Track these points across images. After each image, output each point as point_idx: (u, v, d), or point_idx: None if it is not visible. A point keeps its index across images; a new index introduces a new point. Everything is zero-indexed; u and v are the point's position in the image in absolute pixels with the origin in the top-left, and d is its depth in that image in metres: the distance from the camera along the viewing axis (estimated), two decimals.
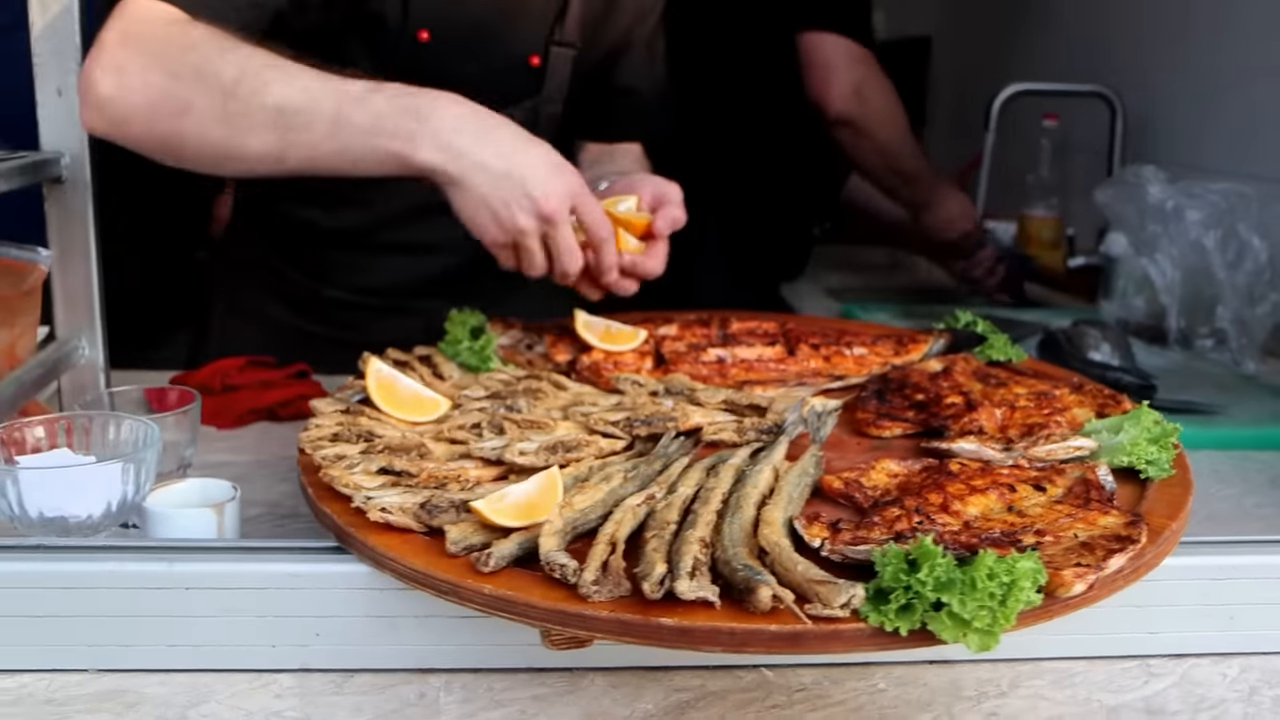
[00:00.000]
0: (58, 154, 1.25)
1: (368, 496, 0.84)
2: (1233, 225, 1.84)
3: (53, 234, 1.28)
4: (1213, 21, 2.31)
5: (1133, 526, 0.79)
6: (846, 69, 2.09)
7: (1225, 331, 1.87)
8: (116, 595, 0.82)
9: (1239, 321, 1.86)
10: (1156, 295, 1.96)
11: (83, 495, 0.92)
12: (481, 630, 0.83)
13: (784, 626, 0.69)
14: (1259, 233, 1.82)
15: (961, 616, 0.67)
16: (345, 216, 1.47)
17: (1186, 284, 1.88)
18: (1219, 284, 1.85)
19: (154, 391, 1.24)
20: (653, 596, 0.70)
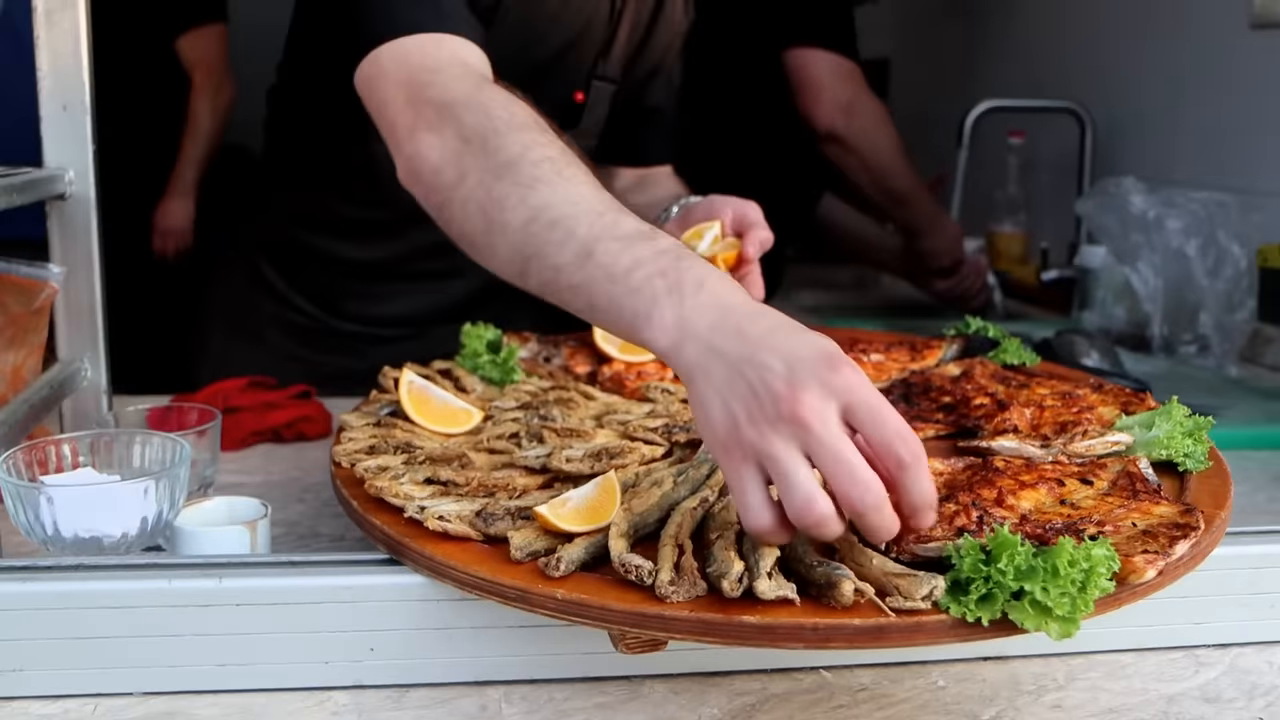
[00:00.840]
0: (61, 170, 1.22)
1: (421, 506, 0.83)
2: (1213, 233, 1.89)
3: (55, 252, 1.25)
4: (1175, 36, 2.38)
5: (1189, 515, 0.80)
6: (835, 85, 2.10)
7: (1208, 337, 1.91)
8: (164, 614, 0.79)
9: (1220, 327, 1.91)
10: (1138, 304, 2.00)
11: (117, 514, 0.89)
12: (540, 640, 0.82)
13: (867, 621, 0.69)
14: (1238, 240, 1.88)
15: (1045, 604, 0.68)
16: (379, 248, 1.47)
17: (1169, 292, 1.93)
18: (1201, 291, 1.90)
19: (156, 413, 1.21)
20: (732, 595, 0.69)
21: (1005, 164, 2.91)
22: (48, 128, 1.22)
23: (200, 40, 3.05)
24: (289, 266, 1.53)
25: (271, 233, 1.54)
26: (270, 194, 1.54)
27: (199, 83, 3.06)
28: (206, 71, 3.06)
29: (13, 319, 1.12)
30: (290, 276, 1.53)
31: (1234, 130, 2.20)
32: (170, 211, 3.07)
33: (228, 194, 3.25)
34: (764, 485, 0.70)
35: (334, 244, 1.48)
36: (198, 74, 3.06)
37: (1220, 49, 2.23)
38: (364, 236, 1.48)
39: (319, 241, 1.49)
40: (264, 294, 1.55)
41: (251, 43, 3.99)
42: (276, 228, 1.53)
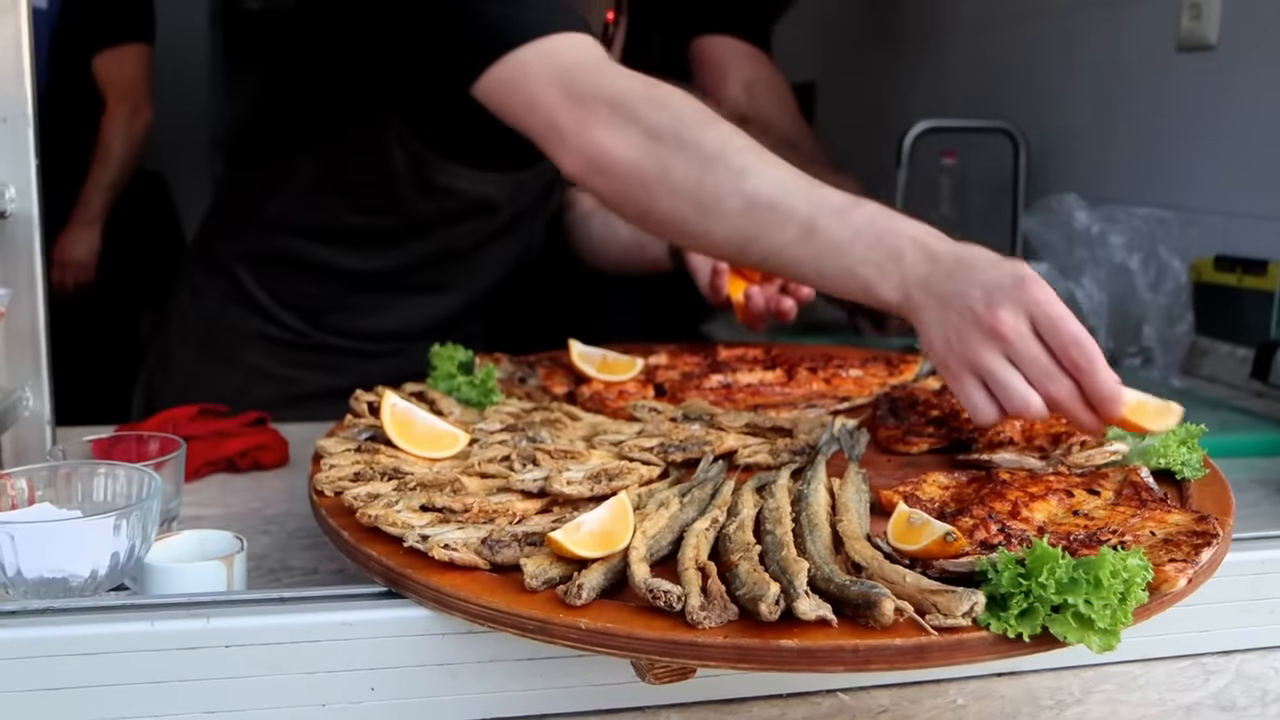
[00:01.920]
0: (2, 186, 1.14)
1: (423, 534, 0.78)
2: (1154, 248, 1.94)
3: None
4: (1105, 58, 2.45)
5: (1205, 522, 0.80)
6: (738, 67, 2.07)
7: (1151, 350, 1.95)
8: (146, 659, 0.73)
9: (1163, 340, 1.95)
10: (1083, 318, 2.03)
11: (86, 552, 0.83)
12: (552, 673, 0.78)
13: (909, 640, 0.66)
14: (1178, 255, 1.92)
15: (1088, 617, 0.66)
16: (381, 258, 1.42)
17: (1113, 306, 1.97)
18: (1144, 305, 1.94)
19: (102, 444, 1.14)
20: (770, 618, 0.67)
21: (938, 184, 2.95)
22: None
23: (119, 60, 2.86)
24: (273, 277, 1.46)
25: (254, 243, 1.47)
26: (253, 202, 1.47)
27: (113, 106, 2.83)
28: (122, 94, 2.85)
29: None
30: (274, 288, 1.47)
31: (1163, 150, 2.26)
32: (72, 242, 2.81)
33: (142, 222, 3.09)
34: (983, 388, 0.90)
35: (332, 253, 1.43)
36: (112, 96, 2.83)
37: (1149, 71, 2.29)
38: (367, 245, 1.43)
39: (314, 251, 1.43)
40: (243, 307, 1.48)
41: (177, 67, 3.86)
42: (260, 237, 1.46)
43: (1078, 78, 2.55)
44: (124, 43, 2.85)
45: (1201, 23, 2.06)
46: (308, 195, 1.41)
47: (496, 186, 1.40)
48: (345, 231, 1.40)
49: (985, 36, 3.00)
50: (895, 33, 3.55)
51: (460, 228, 1.41)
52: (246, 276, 1.46)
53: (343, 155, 1.39)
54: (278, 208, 1.43)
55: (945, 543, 0.72)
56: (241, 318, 1.46)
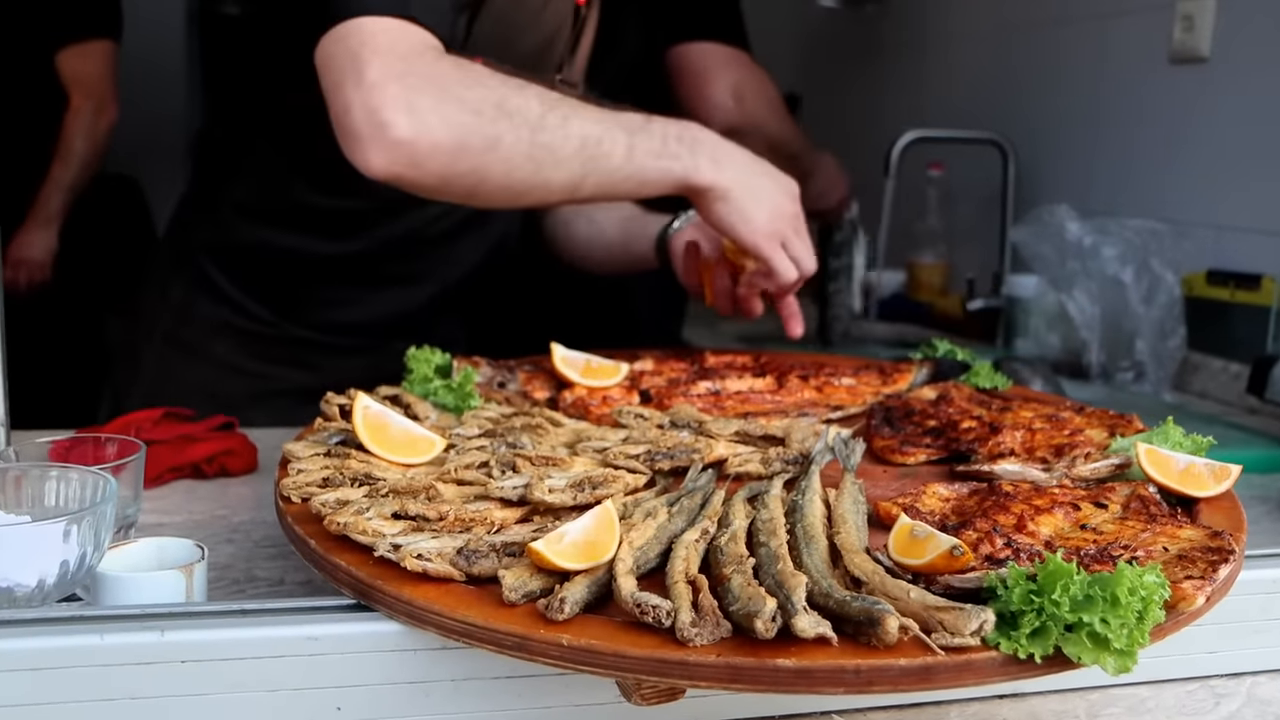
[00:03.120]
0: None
1: (395, 544, 0.73)
2: (1146, 260, 1.91)
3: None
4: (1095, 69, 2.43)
5: (1219, 538, 0.76)
6: (723, 73, 1.98)
7: (1144, 364, 1.93)
8: (96, 675, 0.68)
9: (1155, 354, 1.92)
10: (1074, 331, 2.01)
11: (33, 559, 0.77)
12: (530, 692, 0.73)
13: (913, 660, 0.62)
14: (1171, 268, 1.90)
15: (1104, 637, 0.62)
16: (349, 242, 1.37)
17: (1106, 319, 1.94)
18: (1136, 318, 1.91)
19: (60, 447, 1.09)
20: (766, 635, 0.62)
21: (925, 196, 2.93)
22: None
23: (82, 56, 2.76)
24: (240, 267, 1.40)
25: (220, 231, 1.41)
26: (217, 189, 1.41)
27: (76, 103, 2.70)
28: (86, 91, 2.75)
29: None
30: (242, 278, 1.41)
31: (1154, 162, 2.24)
32: (28, 242, 2.69)
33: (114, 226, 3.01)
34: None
35: (299, 239, 1.37)
36: (76, 93, 2.71)
37: (1140, 83, 2.27)
38: (335, 229, 1.38)
39: (281, 238, 1.37)
40: (211, 299, 1.41)
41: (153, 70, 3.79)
42: (226, 226, 1.40)
43: (1067, 89, 2.53)
44: (88, 39, 2.76)
45: (1194, 34, 2.04)
46: (269, 178, 1.35)
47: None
48: (311, 214, 1.34)
49: (974, 47, 2.99)
50: (881, 43, 3.54)
51: (430, 209, 1.35)
52: (212, 267, 1.41)
53: (300, 133, 1.34)
54: (239, 194, 1.38)
55: (952, 557, 0.68)
56: (209, 310, 1.41)
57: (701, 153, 1.13)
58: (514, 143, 1.05)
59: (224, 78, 1.44)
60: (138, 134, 3.19)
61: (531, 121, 1.06)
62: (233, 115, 1.42)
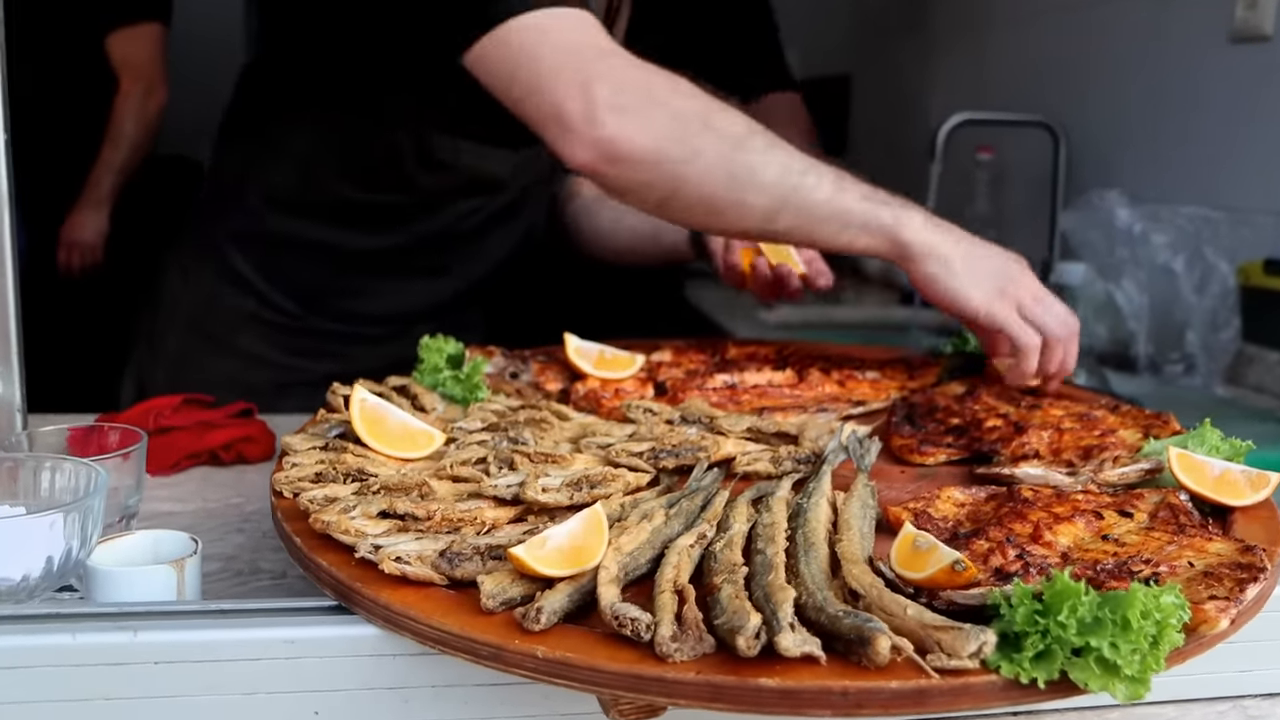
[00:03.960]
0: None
1: (375, 545, 0.71)
2: (1199, 249, 1.83)
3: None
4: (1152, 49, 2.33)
5: (1251, 553, 0.71)
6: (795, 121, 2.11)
7: (1194, 356, 1.85)
8: (67, 675, 0.67)
9: (1207, 346, 1.84)
10: (1121, 322, 1.93)
11: (18, 553, 0.76)
12: (513, 700, 0.70)
13: (905, 683, 0.58)
14: (1226, 257, 1.81)
15: (1113, 662, 0.58)
16: (384, 237, 1.36)
17: (1155, 309, 1.86)
18: (1187, 309, 1.83)
19: (79, 434, 1.08)
20: (748, 653, 0.59)
21: (974, 180, 2.85)
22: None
23: (132, 39, 2.79)
24: (268, 257, 1.39)
25: (249, 221, 1.40)
26: (246, 178, 1.41)
27: (126, 85, 2.74)
28: (135, 73, 2.78)
29: None
30: (269, 269, 1.40)
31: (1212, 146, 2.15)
32: (80, 224, 2.74)
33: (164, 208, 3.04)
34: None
35: (332, 232, 1.36)
36: (126, 76, 2.74)
37: (1198, 63, 2.18)
38: (371, 223, 1.36)
39: (313, 230, 1.36)
40: (237, 289, 1.41)
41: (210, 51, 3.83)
42: (255, 215, 1.39)
43: (1122, 70, 2.43)
44: (138, 22, 2.79)
45: (1257, 12, 1.94)
46: (304, 171, 1.34)
47: (500, 162, 1.34)
48: (347, 209, 1.33)
49: (1025, 26, 2.89)
50: (932, 23, 3.45)
51: (464, 204, 1.34)
52: (238, 257, 1.40)
53: (341, 129, 1.32)
54: (271, 185, 1.36)
55: (953, 572, 0.64)
56: (235, 301, 1.40)
57: (915, 211, 1.07)
58: (715, 158, 1.04)
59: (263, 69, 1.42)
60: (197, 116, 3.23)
61: (734, 139, 1.05)
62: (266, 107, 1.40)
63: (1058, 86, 2.68)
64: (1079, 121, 2.51)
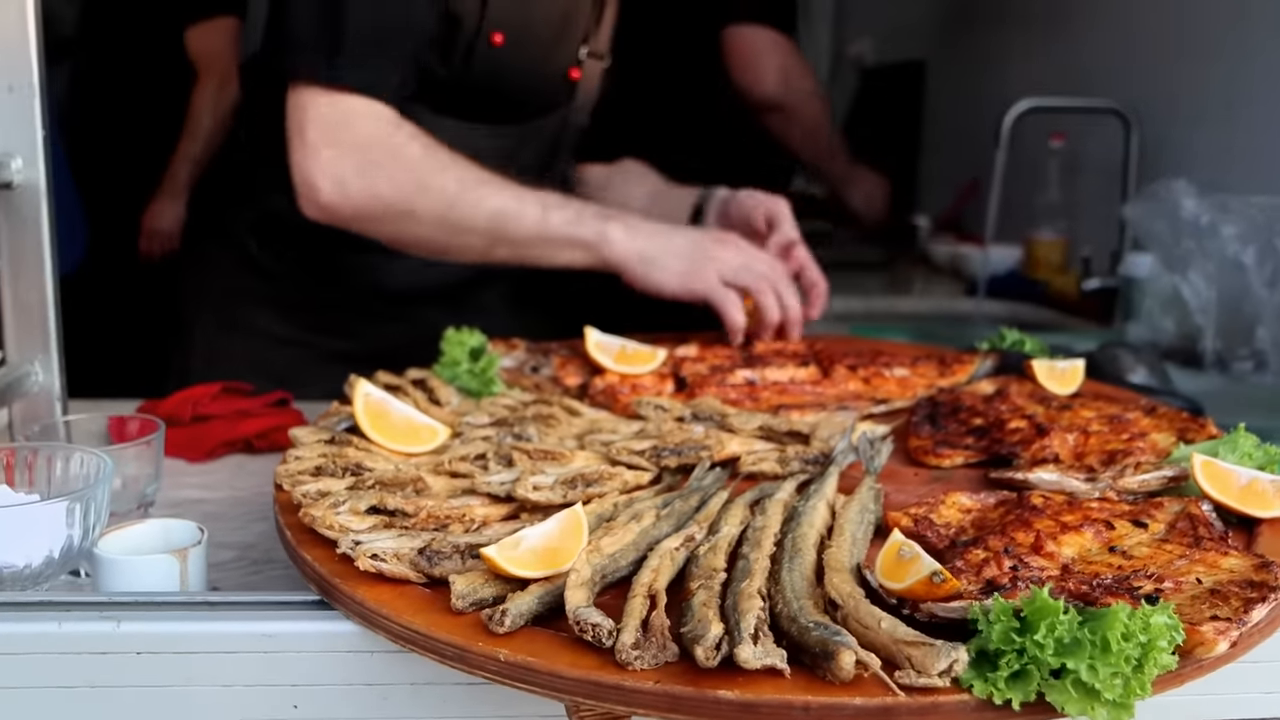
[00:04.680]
0: (7, 157, 1.12)
1: (355, 541, 0.71)
2: (1270, 241, 1.74)
3: (2, 246, 1.14)
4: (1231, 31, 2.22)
5: (1266, 570, 0.67)
6: (772, 56, 2.09)
7: (1265, 353, 1.76)
8: (55, 662, 0.68)
9: (1278, 343, 1.75)
10: (1188, 316, 1.85)
11: (21, 540, 0.78)
12: (491, 700, 0.70)
13: (870, 700, 0.56)
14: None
15: (1091, 686, 0.55)
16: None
17: (1223, 303, 1.78)
18: (1258, 303, 1.75)
19: (116, 421, 1.11)
20: (706, 664, 0.57)
21: (1045, 168, 2.76)
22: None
23: (209, 33, 2.89)
24: (279, 239, 1.43)
25: (258, 205, 1.43)
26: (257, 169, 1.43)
27: (202, 79, 2.85)
28: (212, 67, 2.88)
29: None
30: (280, 249, 1.43)
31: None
32: (159, 213, 2.85)
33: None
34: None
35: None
36: (203, 69, 2.85)
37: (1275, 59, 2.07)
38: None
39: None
40: (253, 272, 1.45)
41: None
42: (262, 199, 1.42)
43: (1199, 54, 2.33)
44: (215, 16, 2.88)
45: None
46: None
47: (489, 140, 1.35)
48: None
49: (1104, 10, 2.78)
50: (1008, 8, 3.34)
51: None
52: (252, 240, 1.43)
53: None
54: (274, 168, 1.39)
55: (932, 583, 0.61)
56: (252, 283, 1.43)
57: (615, 223, 1.18)
58: (427, 215, 1.20)
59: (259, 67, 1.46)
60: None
61: (447, 200, 1.19)
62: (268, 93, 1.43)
63: (1133, 71, 2.58)
64: (1154, 108, 2.42)
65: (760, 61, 2.09)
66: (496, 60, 1.28)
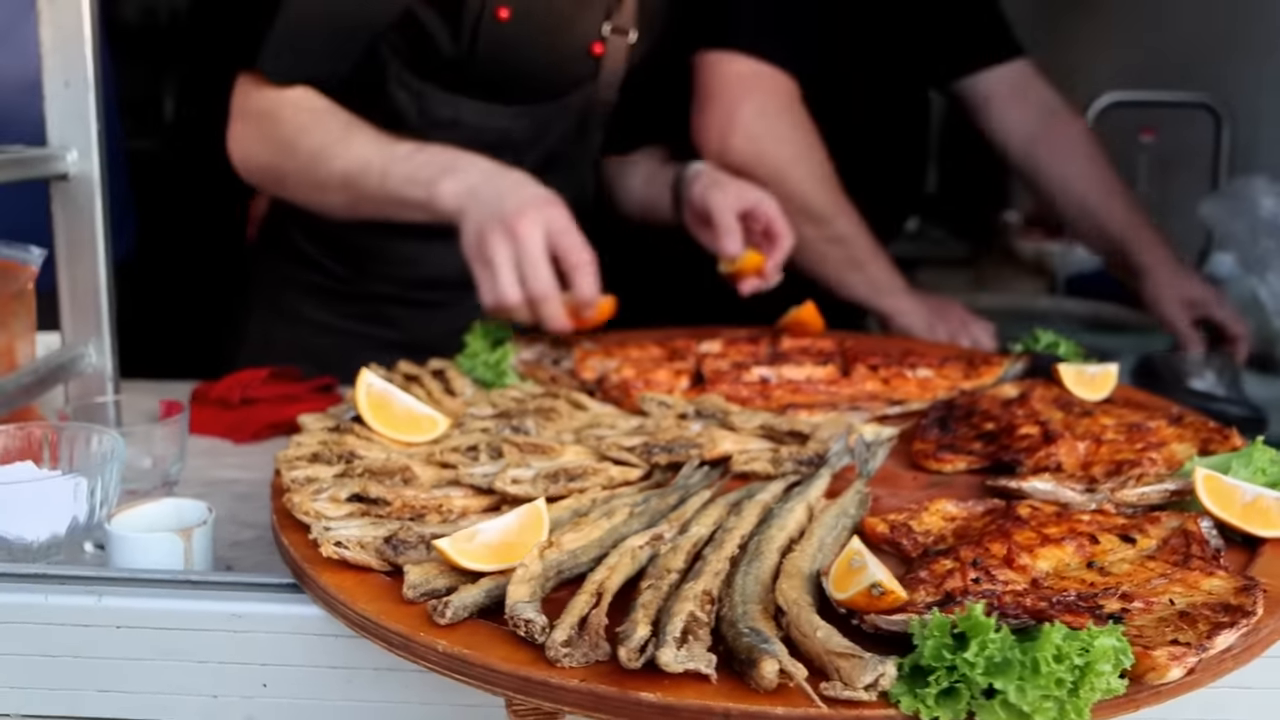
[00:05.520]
0: (63, 149, 1.17)
1: (326, 527, 0.73)
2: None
3: (59, 234, 1.20)
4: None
5: (1245, 594, 0.64)
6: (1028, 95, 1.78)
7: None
8: (40, 632, 0.72)
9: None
10: (1266, 319, 1.76)
11: (33, 514, 0.83)
12: (448, 688, 0.70)
13: (793, 710, 0.55)
14: None
15: (1019, 708, 0.53)
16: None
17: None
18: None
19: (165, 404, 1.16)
20: (629, 665, 0.57)
21: (1135, 163, 2.65)
22: (50, 105, 1.17)
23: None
24: (319, 229, 1.46)
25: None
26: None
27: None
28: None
29: None
30: (321, 239, 1.47)
31: None
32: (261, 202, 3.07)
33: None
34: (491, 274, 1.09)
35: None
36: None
37: None
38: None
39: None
40: (298, 261, 1.49)
41: None
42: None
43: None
44: None
45: None
46: None
47: (511, 120, 1.36)
48: None
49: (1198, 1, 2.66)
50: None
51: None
52: (296, 230, 1.47)
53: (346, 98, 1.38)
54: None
55: (871, 595, 0.60)
56: (296, 272, 1.48)
57: (448, 180, 1.15)
58: (297, 177, 1.28)
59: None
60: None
61: (306, 161, 1.25)
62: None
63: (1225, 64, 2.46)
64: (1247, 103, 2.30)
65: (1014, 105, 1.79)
66: (505, 36, 1.29)
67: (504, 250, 1.07)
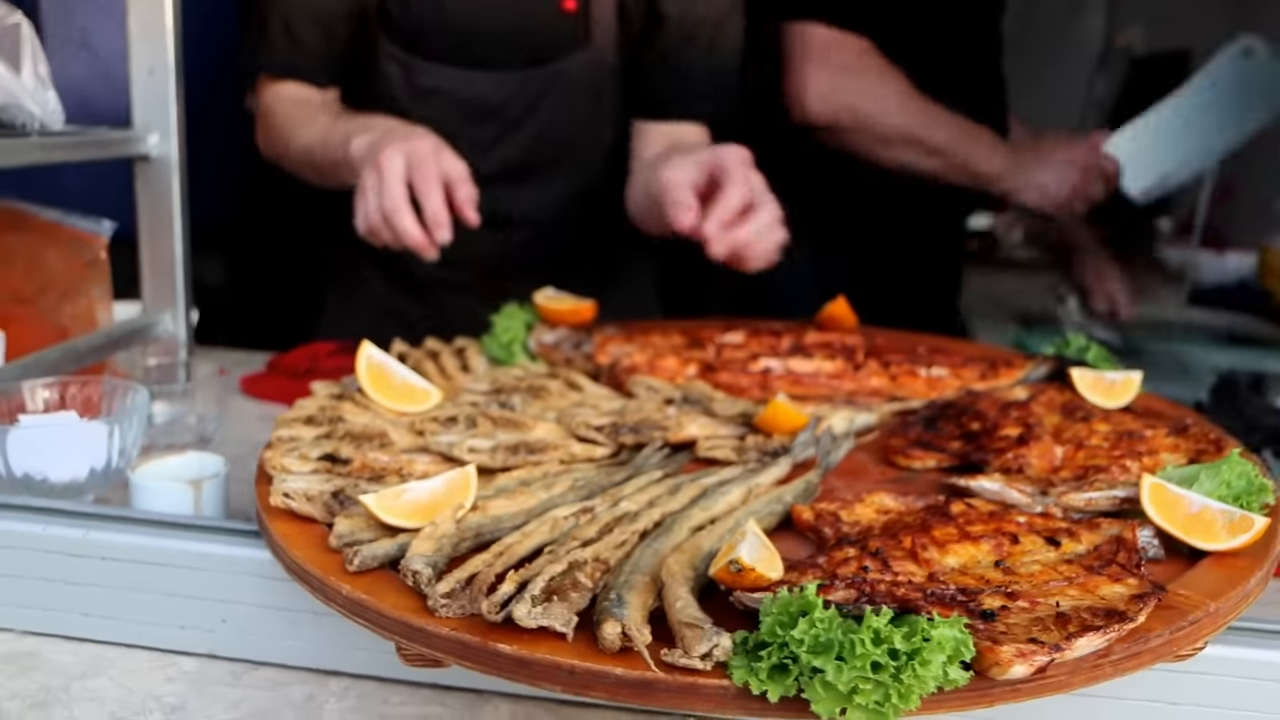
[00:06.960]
0: (146, 131, 1.29)
1: (283, 479, 0.79)
2: None
3: (141, 212, 1.32)
4: None
5: (1137, 602, 0.62)
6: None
7: None
8: (38, 558, 0.81)
9: None
10: None
11: (64, 457, 0.93)
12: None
13: (630, 671, 0.57)
14: None
15: (836, 687, 0.54)
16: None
17: None
18: None
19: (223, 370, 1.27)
20: (490, 618, 0.61)
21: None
22: (135, 91, 1.29)
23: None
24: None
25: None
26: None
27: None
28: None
29: (67, 271, 1.20)
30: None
31: None
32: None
33: None
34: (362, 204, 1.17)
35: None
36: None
37: None
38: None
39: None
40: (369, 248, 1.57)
41: None
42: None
43: None
44: None
45: None
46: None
47: (494, 87, 1.40)
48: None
49: None
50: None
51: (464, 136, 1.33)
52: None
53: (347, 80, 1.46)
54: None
55: (729, 571, 0.61)
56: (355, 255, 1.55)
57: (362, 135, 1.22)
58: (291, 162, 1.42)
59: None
60: None
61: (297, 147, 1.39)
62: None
63: None
64: None
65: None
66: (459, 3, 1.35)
67: (370, 180, 1.14)
